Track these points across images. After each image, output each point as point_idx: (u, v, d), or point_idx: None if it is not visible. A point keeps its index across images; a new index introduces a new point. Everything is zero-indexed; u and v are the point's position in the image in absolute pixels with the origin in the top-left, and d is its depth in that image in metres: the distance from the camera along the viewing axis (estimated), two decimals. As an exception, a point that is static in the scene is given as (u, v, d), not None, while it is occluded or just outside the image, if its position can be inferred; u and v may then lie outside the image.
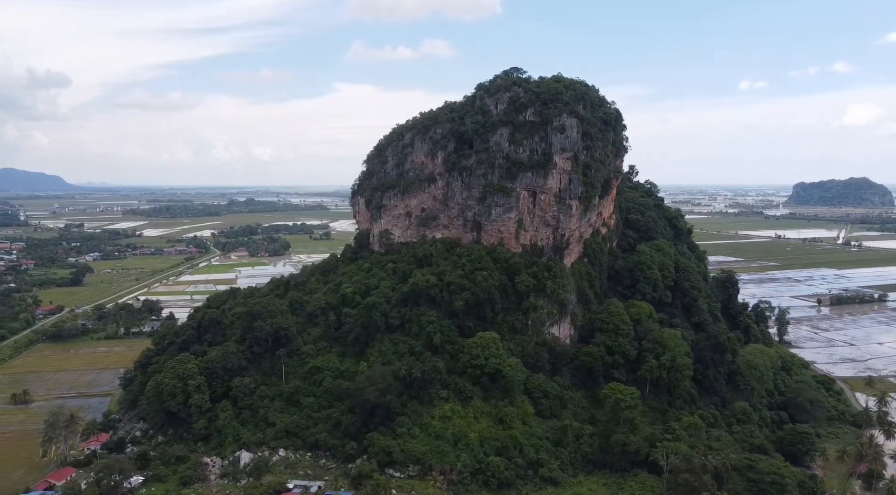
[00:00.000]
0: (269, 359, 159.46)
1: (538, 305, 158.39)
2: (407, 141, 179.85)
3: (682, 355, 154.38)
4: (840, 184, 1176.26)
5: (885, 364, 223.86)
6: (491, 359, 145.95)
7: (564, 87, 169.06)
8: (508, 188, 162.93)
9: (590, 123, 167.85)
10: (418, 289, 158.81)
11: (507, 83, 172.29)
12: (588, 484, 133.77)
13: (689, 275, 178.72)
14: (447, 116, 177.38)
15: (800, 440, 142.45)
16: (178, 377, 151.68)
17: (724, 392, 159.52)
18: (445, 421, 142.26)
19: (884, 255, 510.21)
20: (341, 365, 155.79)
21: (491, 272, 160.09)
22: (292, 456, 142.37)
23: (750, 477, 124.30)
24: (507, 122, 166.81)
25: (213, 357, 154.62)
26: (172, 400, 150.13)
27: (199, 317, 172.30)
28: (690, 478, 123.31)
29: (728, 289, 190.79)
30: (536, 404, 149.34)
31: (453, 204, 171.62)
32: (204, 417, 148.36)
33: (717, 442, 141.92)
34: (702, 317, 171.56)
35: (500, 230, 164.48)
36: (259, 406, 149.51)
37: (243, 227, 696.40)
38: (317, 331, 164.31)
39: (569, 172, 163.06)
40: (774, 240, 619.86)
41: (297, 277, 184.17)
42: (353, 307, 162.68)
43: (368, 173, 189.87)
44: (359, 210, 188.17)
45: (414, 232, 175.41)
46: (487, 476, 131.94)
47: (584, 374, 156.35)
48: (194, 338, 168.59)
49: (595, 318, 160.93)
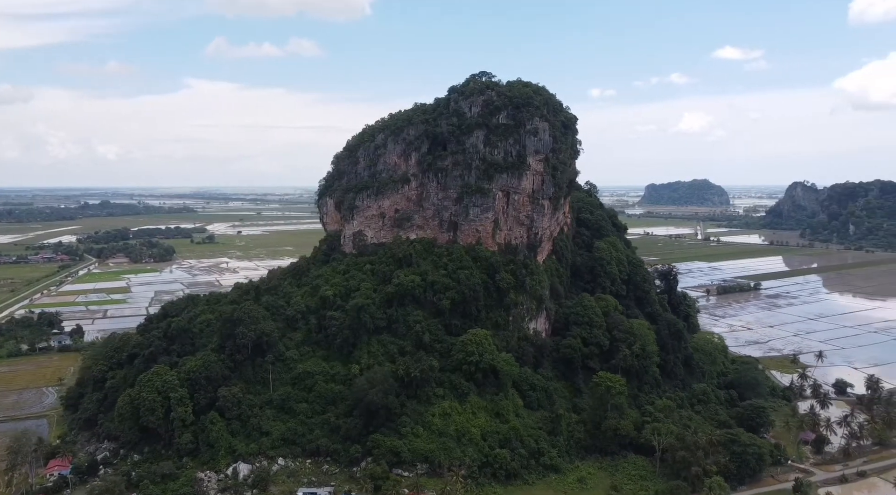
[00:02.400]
0: (252, 367, 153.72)
1: (518, 301, 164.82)
2: (379, 142, 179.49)
3: (650, 343, 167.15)
4: (686, 185, 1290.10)
5: (783, 344, 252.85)
6: (485, 355, 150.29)
7: (533, 92, 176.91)
8: (486, 189, 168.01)
9: (554, 127, 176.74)
10: (404, 289, 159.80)
11: (480, 87, 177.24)
12: (586, 469, 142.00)
13: (639, 270, 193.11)
14: (420, 118, 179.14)
15: (756, 414, 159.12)
16: (157, 390, 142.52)
17: (683, 375, 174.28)
18: (446, 419, 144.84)
19: (741, 249, 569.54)
20: (331, 368, 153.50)
21: (472, 271, 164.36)
22: (292, 465, 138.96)
23: (734, 450, 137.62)
24: (482, 124, 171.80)
25: (193, 367, 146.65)
26: (151, 415, 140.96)
27: (165, 326, 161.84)
28: (687, 455, 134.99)
29: (669, 281, 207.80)
30: (525, 396, 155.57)
31: (428, 204, 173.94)
32: (188, 431, 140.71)
33: (689, 421, 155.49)
34: (654, 308, 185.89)
35: (478, 230, 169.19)
36: (249, 415, 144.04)
37: (112, 232, 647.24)
38: (298, 336, 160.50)
39: (541, 173, 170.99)
40: (644, 237, 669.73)
41: (267, 281, 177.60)
42: (334, 310, 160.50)
43: (338, 174, 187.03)
44: (327, 211, 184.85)
45: (388, 232, 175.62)
46: (495, 468, 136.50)
47: (565, 366, 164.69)
48: (162, 348, 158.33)
49: (569, 312, 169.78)
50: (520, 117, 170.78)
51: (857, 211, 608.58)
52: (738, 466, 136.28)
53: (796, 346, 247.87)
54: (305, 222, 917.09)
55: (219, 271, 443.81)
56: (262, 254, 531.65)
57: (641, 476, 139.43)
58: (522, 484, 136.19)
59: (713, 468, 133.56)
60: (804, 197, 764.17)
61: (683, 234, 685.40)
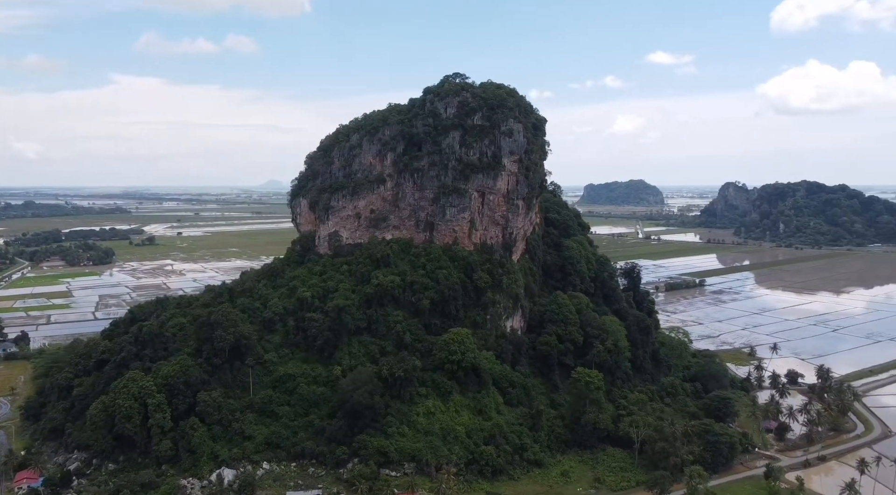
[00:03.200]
0: (230, 371, 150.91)
1: (495, 300, 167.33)
2: (354, 142, 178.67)
3: (622, 339, 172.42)
4: (623, 185, 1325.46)
5: (733, 338, 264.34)
6: (468, 354, 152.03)
7: (507, 94, 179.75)
8: (462, 189, 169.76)
9: (527, 128, 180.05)
10: (383, 289, 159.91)
11: (455, 88, 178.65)
12: (567, 463, 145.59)
13: (606, 268, 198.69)
14: (396, 118, 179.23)
15: (723, 405, 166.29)
16: (133, 396, 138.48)
17: (651, 369, 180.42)
18: (430, 417, 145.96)
19: (681, 247, 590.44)
20: (312, 370, 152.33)
21: (450, 271, 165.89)
22: (277, 469, 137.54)
23: (708, 440, 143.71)
24: (457, 125, 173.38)
25: (170, 372, 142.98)
26: (128, 422, 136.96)
27: (136, 331, 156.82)
28: (666, 446, 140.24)
29: (632, 278, 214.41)
30: (504, 393, 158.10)
31: (404, 205, 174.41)
32: (167, 437, 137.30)
33: (661, 413, 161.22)
34: (621, 304, 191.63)
35: (455, 230, 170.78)
36: (230, 420, 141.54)
37: (43, 234, 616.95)
38: (276, 338, 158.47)
39: (516, 174, 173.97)
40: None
41: (240, 283, 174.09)
42: (312, 311, 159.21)
43: (312, 174, 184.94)
44: (301, 212, 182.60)
45: (363, 233, 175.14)
46: (482, 465, 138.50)
47: (541, 362, 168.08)
48: (133, 354, 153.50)
49: (544, 310, 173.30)
50: (494, 119, 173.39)
51: (786, 210, 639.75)
52: (712, 455, 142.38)
53: (746, 340, 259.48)
54: (248, 223, 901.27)
55: (164, 274, 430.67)
56: (207, 256, 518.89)
57: (621, 467, 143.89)
58: (508, 479, 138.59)
59: (689, 457, 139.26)
60: (736, 196, 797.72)
61: (625, 233, 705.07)
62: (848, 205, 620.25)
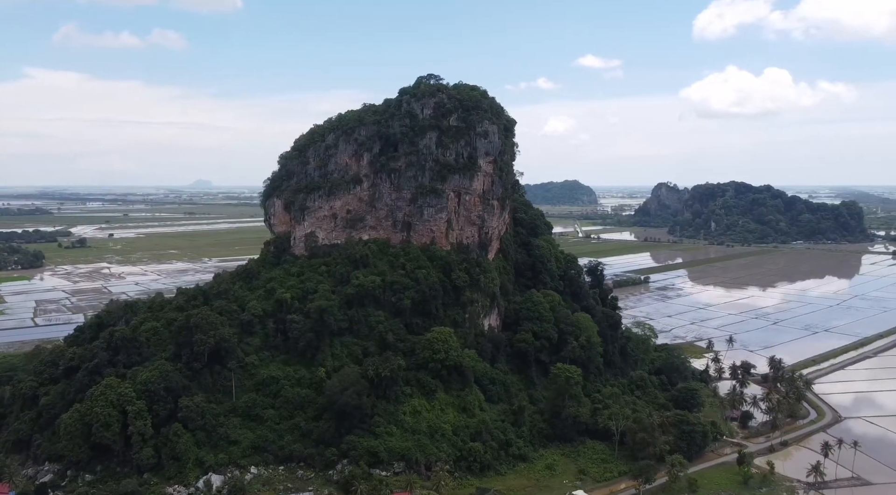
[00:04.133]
0: (210, 375, 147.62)
1: (474, 299, 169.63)
2: (330, 142, 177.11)
3: (594, 335, 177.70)
4: (558, 185, 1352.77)
5: (684, 332, 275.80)
6: (451, 353, 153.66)
7: (481, 96, 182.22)
8: (439, 189, 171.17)
9: (500, 129, 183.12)
10: (364, 290, 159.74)
11: (431, 89, 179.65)
12: (550, 456, 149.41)
13: (573, 265, 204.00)
14: (372, 119, 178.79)
15: (691, 396, 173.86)
16: (112, 404, 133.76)
17: (621, 364, 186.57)
18: (417, 416, 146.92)
19: (620, 245, 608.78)
20: (295, 373, 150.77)
21: (429, 270, 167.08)
22: (265, 473, 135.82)
23: (683, 429, 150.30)
24: (434, 126, 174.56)
25: (149, 377, 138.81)
26: (106, 431, 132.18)
27: (108, 336, 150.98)
28: (646, 436, 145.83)
29: (596, 275, 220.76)
30: (485, 391, 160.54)
31: (381, 205, 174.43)
32: (148, 445, 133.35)
33: (634, 405, 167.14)
34: (588, 301, 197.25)
35: (433, 230, 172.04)
36: (214, 425, 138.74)
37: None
38: (256, 341, 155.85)
39: (491, 175, 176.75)
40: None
41: (215, 285, 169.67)
42: (292, 313, 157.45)
43: (287, 174, 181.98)
44: (275, 212, 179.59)
45: (340, 233, 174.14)
46: (470, 461, 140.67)
47: (519, 359, 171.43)
48: (106, 360, 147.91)
49: (520, 308, 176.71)
50: (470, 120, 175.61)
51: (716, 209, 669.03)
52: (687, 444, 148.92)
53: (696, 333, 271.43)
54: (182, 224, 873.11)
55: (103, 277, 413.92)
56: (145, 259, 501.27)
57: (603, 459, 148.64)
58: (495, 474, 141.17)
59: (666, 447, 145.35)
60: (668, 196, 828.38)
61: (565, 233, 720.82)
62: (773, 205, 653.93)
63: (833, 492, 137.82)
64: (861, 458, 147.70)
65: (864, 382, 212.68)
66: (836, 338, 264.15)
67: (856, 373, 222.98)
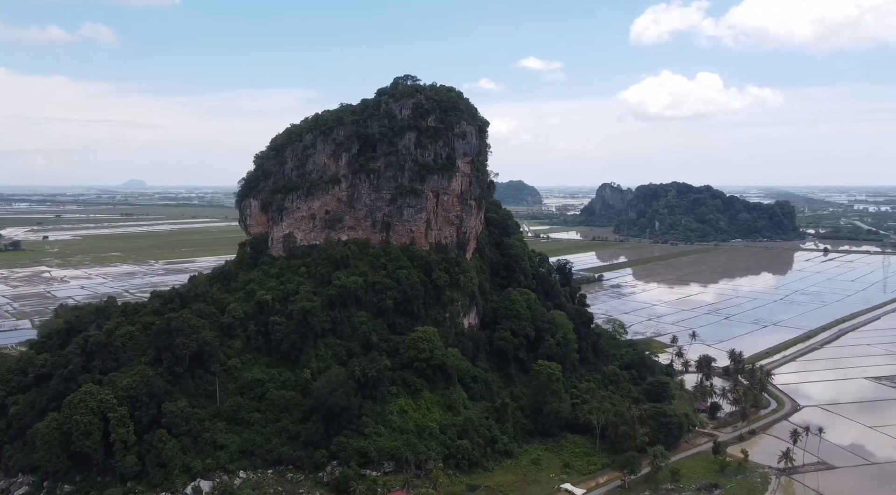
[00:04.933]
0: (192, 379, 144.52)
1: (454, 298, 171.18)
2: (308, 142, 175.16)
3: (570, 332, 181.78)
4: (503, 185, 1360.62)
5: (643, 328, 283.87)
6: (436, 352, 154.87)
7: (458, 97, 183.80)
8: (419, 190, 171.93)
9: (476, 130, 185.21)
10: (347, 291, 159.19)
11: (409, 90, 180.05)
12: (534, 452, 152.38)
13: (544, 264, 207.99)
14: (350, 119, 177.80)
15: (662, 389, 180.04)
16: (92, 411, 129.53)
17: (594, 359, 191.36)
18: (404, 416, 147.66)
19: (569, 244, 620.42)
20: (280, 375, 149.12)
21: (410, 270, 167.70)
22: (254, 477, 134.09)
23: (661, 421, 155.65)
24: (413, 126, 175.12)
25: (130, 383, 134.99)
26: (87, 439, 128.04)
27: (82, 342, 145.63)
28: (628, 429, 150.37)
29: (565, 274, 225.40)
30: (468, 389, 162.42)
31: (360, 205, 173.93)
32: (131, 453, 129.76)
33: (610, 399, 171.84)
34: (560, 299, 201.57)
35: (412, 230, 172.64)
36: (200, 429, 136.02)
37: None
38: (238, 344, 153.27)
39: (469, 175, 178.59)
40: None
41: (192, 288, 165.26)
42: (274, 314, 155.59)
43: (264, 174, 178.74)
44: (251, 213, 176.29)
45: (318, 234, 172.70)
46: (458, 459, 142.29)
47: (498, 357, 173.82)
48: (80, 366, 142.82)
49: (498, 306, 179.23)
50: (448, 121, 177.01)
51: (660, 209, 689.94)
52: (664, 435, 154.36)
53: (654, 329, 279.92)
54: (119, 226, 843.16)
55: (44, 281, 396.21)
56: (87, 261, 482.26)
57: (585, 453, 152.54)
58: (483, 471, 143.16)
59: (645, 439, 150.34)
60: (612, 196, 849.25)
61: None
62: (713, 205, 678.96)
63: (802, 477, 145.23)
64: (823, 444, 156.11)
65: (815, 372, 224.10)
66: (785, 332, 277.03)
67: (806, 364, 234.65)
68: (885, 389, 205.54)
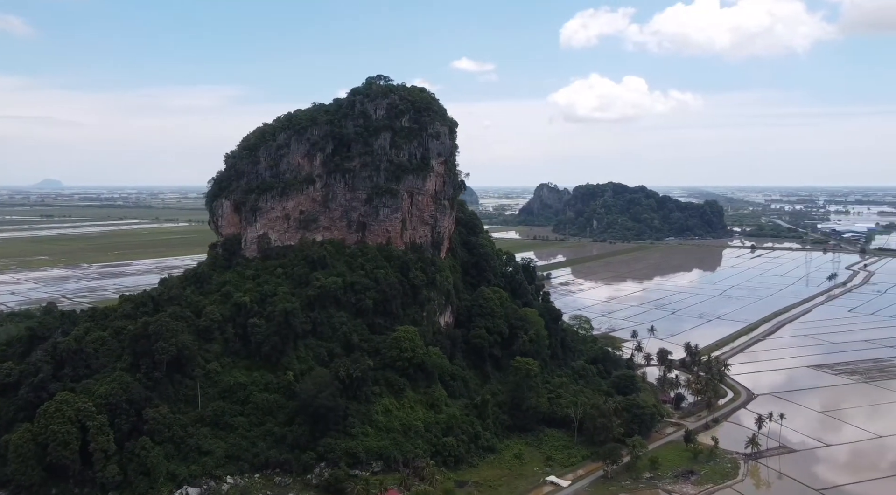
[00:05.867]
0: (170, 385, 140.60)
1: (431, 297, 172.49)
2: (282, 141, 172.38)
3: (542, 328, 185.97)
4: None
5: (598, 323, 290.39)
6: (418, 351, 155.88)
7: (431, 98, 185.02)
8: (395, 190, 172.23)
9: (448, 130, 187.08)
10: (326, 291, 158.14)
11: (384, 90, 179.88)
12: (515, 446, 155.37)
13: (511, 263, 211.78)
14: (324, 118, 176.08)
15: (629, 382, 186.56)
16: (70, 420, 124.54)
17: (562, 355, 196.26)
18: (388, 415, 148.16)
19: (511, 243, 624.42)
20: (262, 378, 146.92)
21: (388, 270, 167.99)
22: (242, 481, 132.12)
23: (635, 413, 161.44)
24: (388, 126, 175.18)
25: (109, 390, 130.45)
26: (65, 450, 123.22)
27: (51, 348, 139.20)
28: (606, 422, 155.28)
29: (529, 272, 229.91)
30: (447, 387, 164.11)
31: (335, 205, 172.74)
32: (111, 462, 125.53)
33: (581, 393, 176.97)
34: (528, 297, 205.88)
35: (388, 230, 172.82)
36: (183, 436, 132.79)
37: None
38: (216, 347, 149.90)
39: (442, 175, 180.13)
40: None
41: (165, 291, 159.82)
42: (252, 316, 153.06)
43: (236, 174, 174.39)
44: (223, 213, 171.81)
45: (293, 234, 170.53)
46: (445, 456, 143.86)
47: (474, 355, 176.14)
48: (50, 375, 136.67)
49: (472, 304, 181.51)
50: (422, 121, 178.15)
51: (598, 209, 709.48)
52: (639, 426, 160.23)
53: (608, 325, 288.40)
54: (42, 227, 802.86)
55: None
56: (13, 266, 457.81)
57: (564, 446, 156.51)
58: (469, 467, 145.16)
59: (621, 430, 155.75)
60: (550, 196, 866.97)
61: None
62: (647, 204, 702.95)
63: (766, 461, 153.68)
64: (782, 429, 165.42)
65: (762, 363, 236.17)
66: (729, 325, 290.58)
67: (753, 355, 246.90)
68: (826, 376, 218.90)
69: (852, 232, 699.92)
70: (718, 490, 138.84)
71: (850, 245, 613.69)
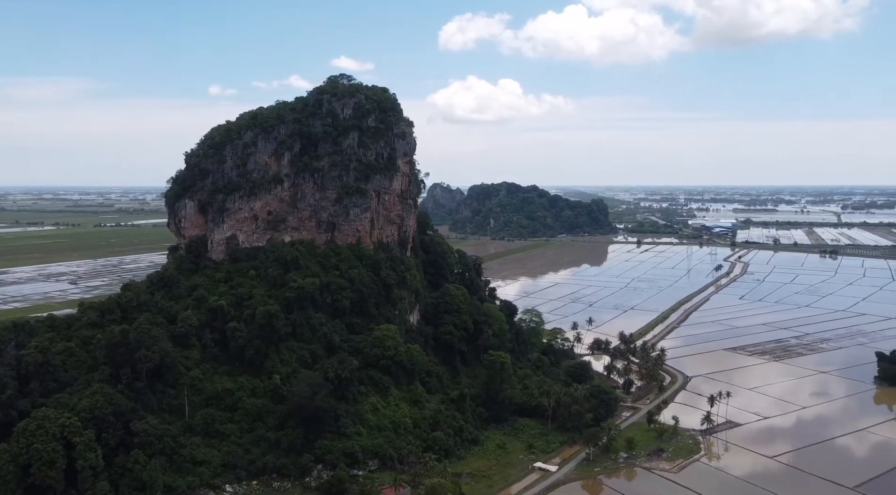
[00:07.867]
0: (153, 394, 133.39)
1: (402, 296, 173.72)
2: (248, 140, 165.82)
3: (504, 323, 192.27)
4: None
5: (549, 319, 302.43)
6: (400, 349, 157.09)
7: (394, 98, 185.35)
8: (364, 189, 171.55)
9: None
10: (304, 292, 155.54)
11: (350, 89, 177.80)
12: (496, 437, 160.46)
13: (465, 260, 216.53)
14: (291, 116, 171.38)
15: (583, 371, 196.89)
16: (54, 437, 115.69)
17: (518, 348, 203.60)
18: (377, 414, 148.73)
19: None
20: (247, 383, 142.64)
21: (361, 270, 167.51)
22: (240, 489, 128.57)
23: (602, 399, 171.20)
24: (355, 126, 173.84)
25: (93, 404, 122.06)
26: (50, 469, 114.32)
27: (15, 363, 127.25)
28: (578, 408, 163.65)
29: (476, 270, 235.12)
30: (424, 383, 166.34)
31: (304, 205, 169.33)
32: (101, 478, 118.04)
33: (544, 382, 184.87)
34: (482, 293, 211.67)
35: (358, 229, 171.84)
36: (175, 447, 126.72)
37: None
38: (195, 354, 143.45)
39: (408, 175, 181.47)
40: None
41: (132, 297, 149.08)
42: (230, 320, 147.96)
43: (200, 173, 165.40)
44: (186, 214, 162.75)
45: (262, 235, 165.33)
46: (435, 450, 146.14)
47: (444, 351, 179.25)
48: (17, 392, 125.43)
49: (438, 302, 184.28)
50: (388, 121, 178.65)
51: (493, 208, 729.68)
52: (605, 411, 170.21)
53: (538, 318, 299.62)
54: None
55: None
56: None
57: (541, 433, 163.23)
58: (457, 460, 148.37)
59: (590, 415, 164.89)
60: (443, 196, 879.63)
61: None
62: (540, 203, 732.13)
63: (719, 435, 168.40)
64: (722, 407, 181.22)
65: (684, 347, 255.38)
66: (644, 314, 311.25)
67: (674, 341, 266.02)
68: (744, 357, 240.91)
69: (720, 227, 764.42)
70: (689, 463, 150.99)
71: (720, 239, 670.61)
